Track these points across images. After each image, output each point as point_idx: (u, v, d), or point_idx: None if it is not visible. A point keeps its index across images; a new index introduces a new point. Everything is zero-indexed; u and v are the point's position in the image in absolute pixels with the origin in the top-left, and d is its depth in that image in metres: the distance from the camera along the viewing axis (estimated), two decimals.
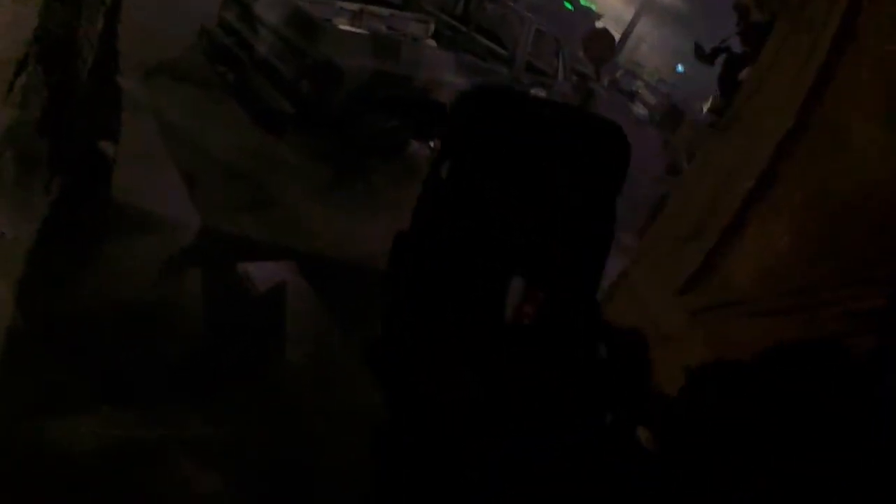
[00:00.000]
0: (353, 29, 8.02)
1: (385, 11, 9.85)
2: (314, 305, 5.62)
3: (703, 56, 2.69)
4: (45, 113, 5.31)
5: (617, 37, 19.62)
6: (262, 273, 5.49)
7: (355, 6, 9.43)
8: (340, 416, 4.57)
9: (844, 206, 1.75)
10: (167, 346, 4.52)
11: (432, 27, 10.44)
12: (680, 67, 41.97)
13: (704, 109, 17.95)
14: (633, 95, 20.50)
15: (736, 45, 2.55)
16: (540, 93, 10.48)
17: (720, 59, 2.76)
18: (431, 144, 9.82)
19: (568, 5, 30.14)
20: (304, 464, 4.16)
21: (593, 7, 34.54)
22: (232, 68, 8.40)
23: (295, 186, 7.31)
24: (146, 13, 8.34)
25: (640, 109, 18.44)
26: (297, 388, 4.70)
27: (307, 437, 4.34)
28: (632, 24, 34.21)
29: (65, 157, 5.43)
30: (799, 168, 1.83)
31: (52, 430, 3.57)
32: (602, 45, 13.34)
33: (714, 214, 2.00)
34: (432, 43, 9.53)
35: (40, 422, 3.59)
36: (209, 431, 4.01)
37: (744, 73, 2.45)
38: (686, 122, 15.90)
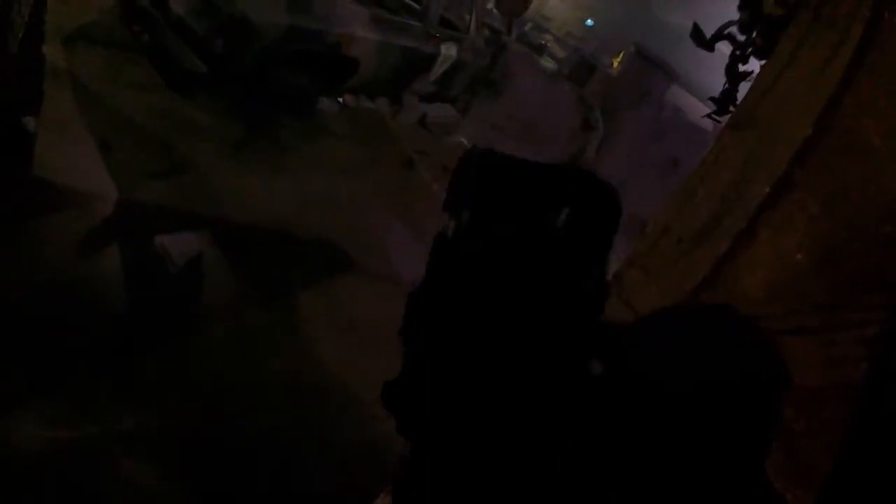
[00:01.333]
0: None
1: None
2: (228, 274, 5.63)
3: (702, 41, 2.57)
4: None
5: None
6: (178, 245, 5.51)
7: None
8: (261, 387, 4.67)
9: (862, 217, 1.71)
10: (89, 329, 4.46)
11: None
12: (589, 21, 42.12)
13: (615, 64, 18.09)
14: (541, 49, 20.57)
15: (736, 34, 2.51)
16: (452, 48, 10.58)
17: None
18: (340, 100, 9.86)
19: None
20: (229, 440, 4.20)
21: None
22: (146, 28, 8.31)
23: (206, 147, 7.26)
24: None
25: (548, 63, 18.52)
26: (217, 364, 4.73)
27: (228, 413, 4.38)
28: None
29: None
30: (816, 176, 1.77)
31: None
32: (515, 1, 13.38)
33: (724, 219, 1.89)
34: None
35: None
36: (140, 423, 4.00)
37: (749, 65, 2.41)
38: (597, 75, 16.01)
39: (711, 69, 4.24)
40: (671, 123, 13.44)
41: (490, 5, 14.89)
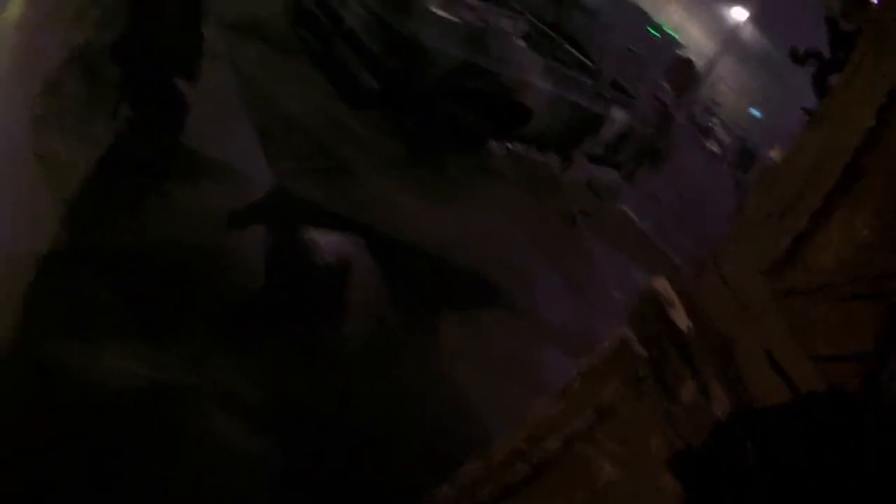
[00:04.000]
0: (446, 14, 7.80)
1: (477, 3, 9.66)
2: (376, 282, 5.54)
3: (798, 58, 2.88)
4: (121, 38, 5.27)
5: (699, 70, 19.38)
6: (329, 243, 5.46)
7: None
8: (385, 392, 4.50)
9: None
10: (219, 297, 4.44)
11: (523, 27, 10.22)
12: (755, 112, 41.56)
13: (776, 156, 17.69)
14: (707, 131, 20.28)
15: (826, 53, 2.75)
16: (621, 113, 10.22)
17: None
18: (509, 146, 9.59)
19: (653, 31, 29.89)
20: (338, 427, 4.08)
21: (677, 36, 34.26)
22: (317, 35, 8.24)
23: (370, 161, 7.20)
24: None
25: (713, 146, 18.19)
26: (346, 357, 4.63)
27: (347, 407, 4.24)
28: (714, 61, 33.89)
29: (138, 87, 5.35)
30: (880, 163, 1.94)
31: (81, 356, 3.49)
32: (684, 74, 13.16)
33: (803, 199, 2.05)
34: (522, 43, 9.29)
35: (69, 345, 3.51)
36: (246, 386, 3.92)
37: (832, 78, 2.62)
38: (758, 166, 15.68)
39: None
40: None
41: (661, 79, 14.62)
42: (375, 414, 4.27)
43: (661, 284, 2.35)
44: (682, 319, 2.19)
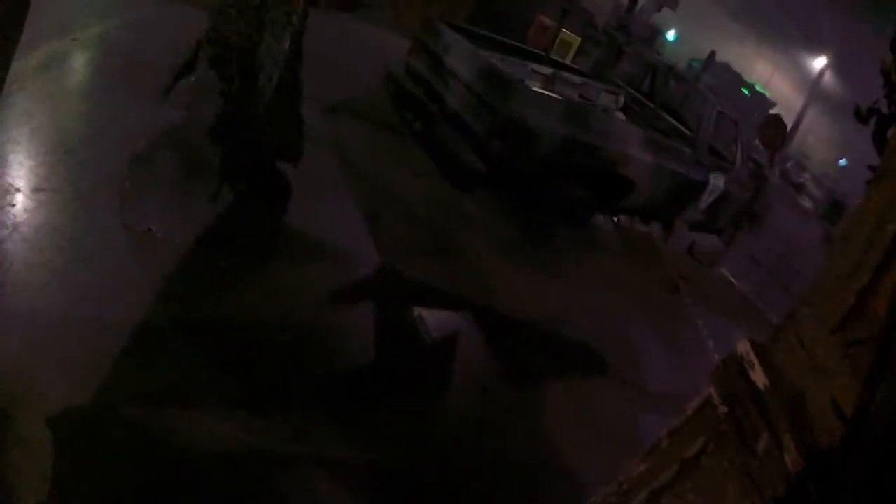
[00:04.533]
0: (547, 92, 7.93)
1: (577, 79, 9.79)
2: (484, 356, 5.57)
3: (862, 118, 2.77)
4: (218, 120, 5.34)
5: (788, 125, 19.22)
6: (436, 319, 5.50)
7: (548, 70, 9.38)
8: (491, 468, 4.51)
9: None
10: (321, 368, 4.53)
11: (622, 99, 10.32)
12: (843, 161, 40.92)
13: None
14: (801, 187, 20.03)
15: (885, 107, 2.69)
16: (720, 178, 10.21)
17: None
18: (616, 220, 9.65)
19: (745, 90, 29.77)
20: (445, 498, 4.11)
21: (767, 93, 34.04)
22: (419, 116, 8.41)
23: (478, 239, 7.31)
24: (330, 49, 8.47)
25: (805, 202, 17.95)
26: (453, 428, 4.68)
27: (452, 476, 4.27)
28: (802, 113, 33.47)
29: (239, 169, 5.44)
30: None
31: (186, 424, 3.56)
32: (776, 132, 13.05)
33: (867, 255, 2.14)
34: (621, 115, 9.40)
35: (169, 411, 3.59)
36: (353, 454, 3.96)
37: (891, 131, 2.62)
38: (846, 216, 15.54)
39: None
40: None
41: (754, 139, 14.53)
42: (479, 484, 4.31)
43: (743, 346, 2.43)
44: (759, 378, 2.29)
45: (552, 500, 4.57)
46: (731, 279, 11.58)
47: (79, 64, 6.68)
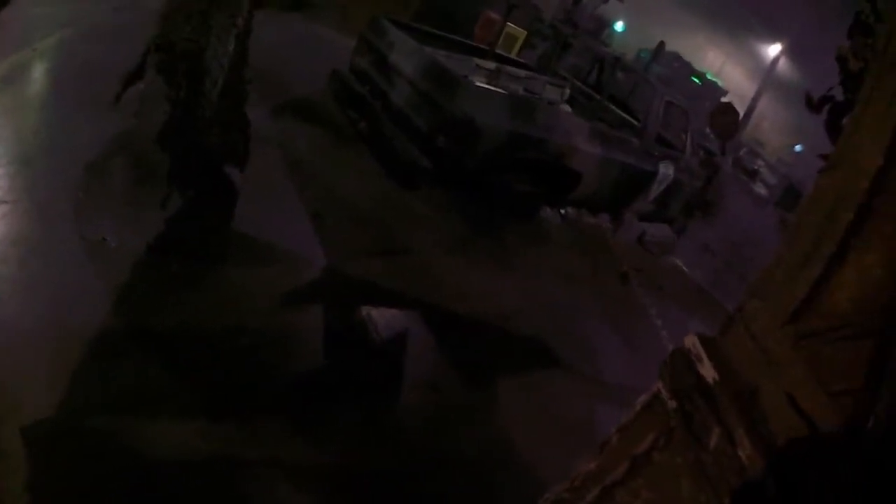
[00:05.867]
0: (491, 87, 7.90)
1: (522, 73, 9.78)
2: (434, 355, 5.58)
3: (814, 106, 2.81)
4: (166, 126, 5.33)
5: (741, 113, 19.35)
6: (384, 318, 5.42)
7: (492, 65, 9.36)
8: (446, 467, 4.53)
9: None
10: (276, 372, 4.54)
11: (567, 92, 10.33)
12: (798, 147, 41.32)
13: None
14: (754, 174, 20.16)
15: (840, 95, 2.71)
16: (669, 168, 10.24)
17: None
18: (563, 212, 9.65)
19: (695, 79, 29.97)
20: (404, 498, 4.13)
21: (719, 82, 34.29)
22: (364, 115, 8.36)
23: (425, 237, 7.30)
24: (277, 49, 8.43)
25: (759, 189, 18.06)
26: (407, 427, 4.70)
27: (409, 476, 4.29)
28: (755, 100, 33.68)
29: (188, 175, 5.43)
30: (890, 201, 1.98)
31: (144, 433, 3.59)
32: (727, 120, 13.12)
33: (819, 246, 2.12)
34: (567, 108, 9.40)
35: (133, 424, 3.62)
36: (308, 457, 4.00)
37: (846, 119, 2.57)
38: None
39: None
40: None
41: (705, 127, 14.61)
42: (434, 483, 4.32)
43: (690, 341, 2.43)
44: (708, 372, 2.28)
45: (509, 498, 4.57)
46: (684, 268, 11.64)
47: (37, 74, 6.69)
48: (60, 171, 5.27)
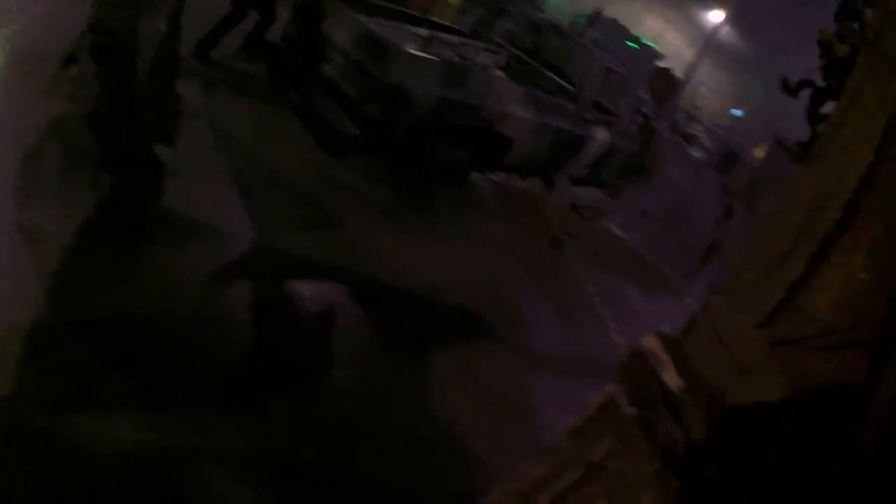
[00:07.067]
0: (424, 55, 7.87)
1: (455, 39, 9.73)
2: (364, 328, 5.53)
3: (789, 89, 2.77)
4: (96, 108, 5.28)
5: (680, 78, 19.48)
6: (313, 293, 5.45)
7: (425, 32, 9.32)
8: (379, 445, 4.52)
9: None
10: (209, 356, 4.49)
11: (502, 58, 10.31)
12: (737, 111, 41.66)
13: (758, 155, 17.82)
14: (691, 138, 20.31)
15: (819, 80, 2.67)
16: (604, 133, 10.30)
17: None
18: (494, 178, 9.67)
19: (632, 44, 30.02)
20: (341, 482, 4.11)
21: (656, 47, 34.42)
22: (295, 85, 8.30)
23: (355, 209, 7.26)
24: (208, 23, 8.31)
25: (697, 152, 18.22)
26: (340, 407, 4.66)
27: (343, 459, 4.27)
28: (694, 66, 33.87)
29: (116, 155, 5.37)
30: (879, 200, 1.88)
31: (79, 427, 3.54)
32: (665, 85, 13.22)
33: (799, 245, 2.01)
34: (501, 74, 9.38)
35: (67, 418, 3.56)
36: (244, 444, 3.97)
37: (827, 107, 2.56)
38: (741, 166, 15.72)
39: None
40: None
41: (642, 91, 14.68)
42: (368, 462, 4.32)
43: (651, 343, 2.31)
44: (672, 379, 2.16)
45: (443, 473, 4.59)
46: (619, 233, 11.72)
47: None
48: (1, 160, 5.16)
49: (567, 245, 9.57)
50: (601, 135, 10.27)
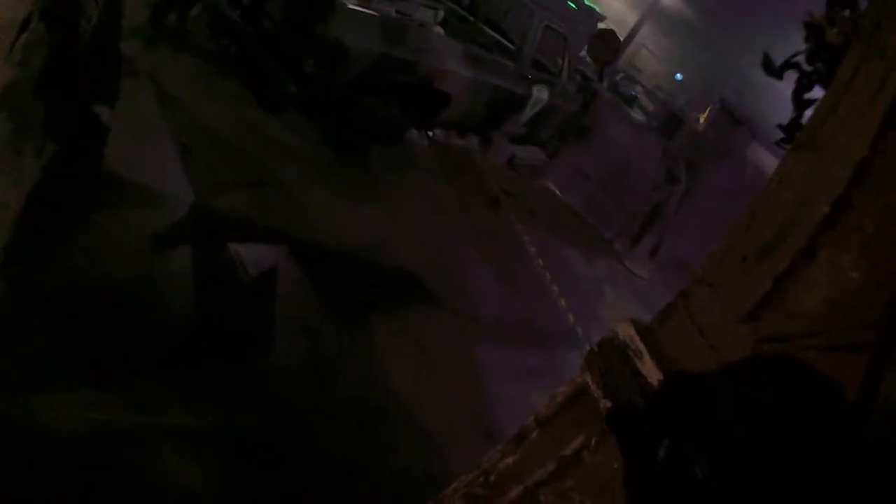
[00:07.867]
0: (362, 9, 7.80)
1: None
2: (305, 292, 5.47)
3: (772, 70, 2.68)
4: (42, 73, 5.16)
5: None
6: (253, 255, 5.34)
7: None
8: (325, 416, 4.47)
9: None
10: (153, 327, 4.39)
11: (441, 14, 10.25)
12: (679, 76, 42.01)
13: (701, 119, 17.99)
14: (632, 100, 20.47)
15: (803, 63, 2.57)
16: (543, 91, 10.32)
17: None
18: (430, 134, 9.64)
19: (572, 4, 30.00)
20: (289, 454, 4.07)
21: (597, 8, 34.48)
22: (236, 42, 8.19)
23: (293, 167, 7.15)
24: None
25: (637, 114, 18.35)
26: (284, 378, 4.60)
27: (290, 430, 4.23)
28: (635, 29, 34.07)
29: (60, 120, 5.30)
30: (872, 197, 1.80)
31: (29, 407, 3.46)
32: (607, 46, 13.22)
33: (786, 238, 1.94)
34: (440, 31, 9.34)
35: (17, 397, 3.48)
36: (190, 420, 3.90)
37: (813, 92, 2.48)
38: (684, 129, 15.83)
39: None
40: (751, 180, 13.13)
41: (583, 52, 14.70)
42: (313, 435, 4.29)
43: (626, 331, 2.24)
44: (650, 371, 2.10)
45: (391, 446, 4.58)
46: (557, 192, 11.78)
47: None
48: None
49: (504, 203, 9.57)
50: (540, 93, 10.29)
